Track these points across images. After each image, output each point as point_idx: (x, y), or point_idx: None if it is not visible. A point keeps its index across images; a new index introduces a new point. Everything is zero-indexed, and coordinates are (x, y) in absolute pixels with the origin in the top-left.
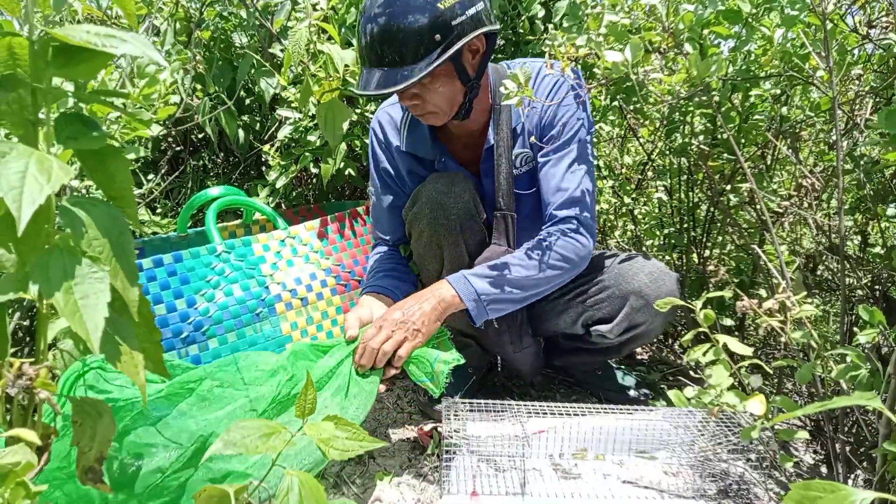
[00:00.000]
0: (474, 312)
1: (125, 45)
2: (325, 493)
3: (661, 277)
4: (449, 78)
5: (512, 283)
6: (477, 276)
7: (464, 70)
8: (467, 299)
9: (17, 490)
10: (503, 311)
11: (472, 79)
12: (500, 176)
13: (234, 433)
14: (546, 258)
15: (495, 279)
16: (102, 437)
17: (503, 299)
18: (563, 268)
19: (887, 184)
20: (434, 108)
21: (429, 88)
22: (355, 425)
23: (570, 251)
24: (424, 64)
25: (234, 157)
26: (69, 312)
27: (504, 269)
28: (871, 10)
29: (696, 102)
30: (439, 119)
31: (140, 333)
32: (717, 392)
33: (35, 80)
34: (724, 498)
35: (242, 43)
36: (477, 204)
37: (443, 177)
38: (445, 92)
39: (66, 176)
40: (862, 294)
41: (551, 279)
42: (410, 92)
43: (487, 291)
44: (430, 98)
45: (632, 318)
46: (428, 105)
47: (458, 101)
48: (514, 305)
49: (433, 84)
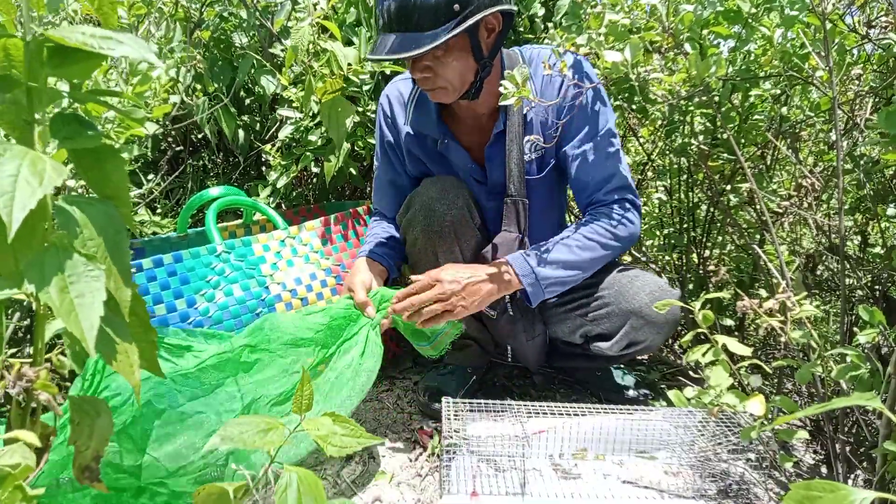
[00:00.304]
0: (531, 292)
1: (122, 46)
2: (323, 489)
3: (663, 297)
4: (463, 52)
5: (570, 264)
6: (538, 258)
7: (478, 46)
8: (526, 282)
9: (13, 494)
10: (559, 291)
11: (486, 57)
12: (510, 162)
13: (232, 428)
14: (603, 238)
15: (555, 261)
16: (100, 437)
17: (562, 280)
18: (616, 247)
19: (887, 184)
20: (444, 84)
21: (442, 62)
22: (353, 423)
23: (624, 231)
24: (441, 32)
25: (234, 158)
26: (64, 311)
27: (564, 250)
28: (870, 11)
29: (696, 102)
30: (448, 96)
31: (135, 333)
32: (716, 392)
33: (30, 81)
34: (725, 498)
35: (242, 43)
36: (471, 209)
37: (436, 182)
38: (458, 67)
39: (60, 177)
40: (862, 294)
41: (606, 258)
42: (423, 64)
43: (547, 275)
44: (442, 72)
45: (632, 337)
46: (439, 79)
47: (468, 79)
48: (571, 285)
49: (447, 57)
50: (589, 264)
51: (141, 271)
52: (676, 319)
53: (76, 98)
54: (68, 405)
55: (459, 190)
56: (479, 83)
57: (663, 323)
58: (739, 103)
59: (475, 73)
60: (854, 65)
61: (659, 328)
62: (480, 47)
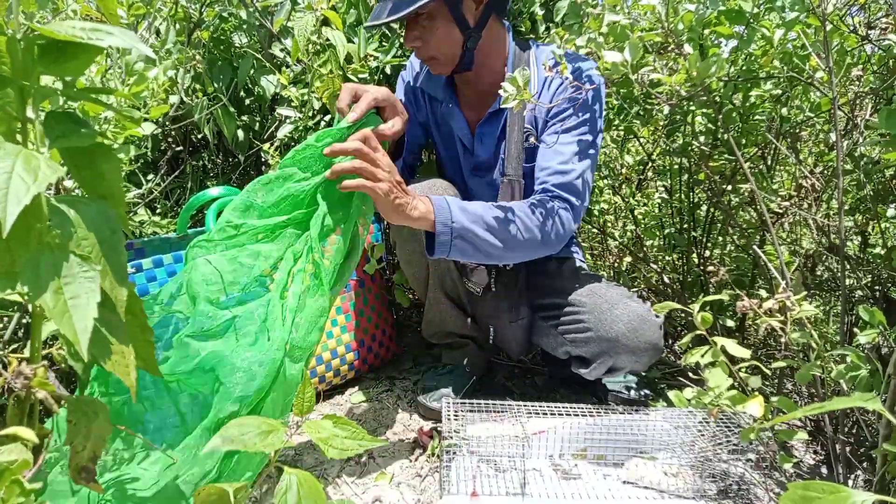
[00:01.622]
0: (438, 240)
1: (111, 37)
2: (323, 492)
3: (640, 327)
4: (446, 22)
5: (490, 227)
6: (461, 207)
7: (462, 17)
8: (440, 222)
9: (12, 488)
10: (467, 252)
11: (472, 28)
12: (511, 143)
13: (232, 430)
14: (530, 223)
15: (475, 215)
16: (97, 437)
17: (474, 236)
18: (536, 239)
19: (887, 184)
20: (435, 53)
21: (428, 30)
22: (355, 424)
23: (551, 227)
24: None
25: (234, 158)
26: (58, 313)
27: (489, 210)
28: (870, 12)
29: (697, 103)
30: (441, 66)
31: (132, 332)
32: (716, 393)
33: (22, 78)
34: (725, 498)
35: (242, 43)
36: None
37: (423, 181)
38: (443, 37)
39: (55, 174)
40: (862, 294)
41: (526, 246)
42: (413, 33)
43: (462, 224)
44: (430, 40)
45: (610, 364)
46: (430, 48)
47: (457, 50)
48: (481, 253)
49: (432, 26)
50: (505, 237)
51: (141, 271)
52: (657, 347)
53: (69, 95)
54: (67, 404)
55: (446, 190)
56: (469, 55)
57: (642, 352)
58: (740, 103)
59: (462, 44)
60: (854, 66)
61: (638, 357)
62: (464, 18)
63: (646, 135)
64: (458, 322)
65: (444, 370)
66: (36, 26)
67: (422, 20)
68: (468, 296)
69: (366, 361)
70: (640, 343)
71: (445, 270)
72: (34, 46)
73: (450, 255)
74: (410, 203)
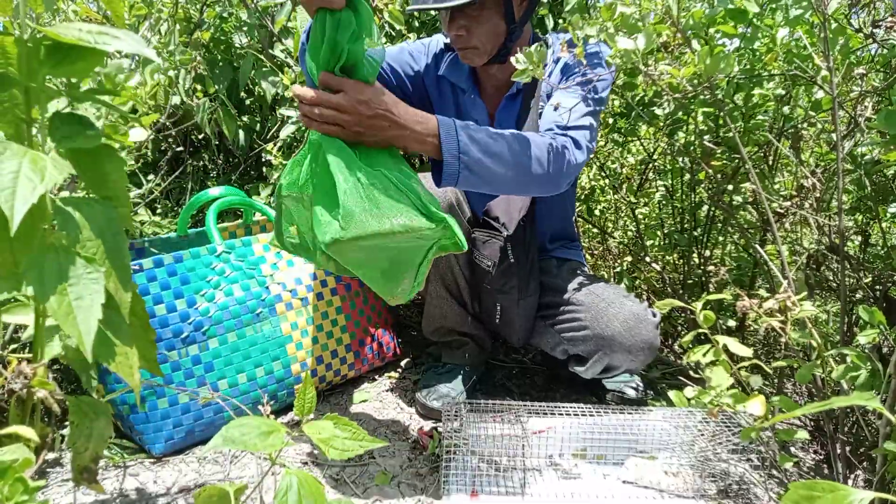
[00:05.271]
0: (445, 171)
1: (117, 41)
2: (324, 492)
3: (637, 326)
4: (496, 15)
5: (496, 151)
6: (475, 141)
7: (511, 11)
8: (448, 154)
9: (15, 486)
10: (473, 181)
11: (516, 23)
12: (524, 124)
13: (234, 430)
14: (538, 146)
15: (492, 152)
16: (99, 438)
17: (484, 152)
18: (544, 165)
19: (888, 184)
20: (477, 43)
21: (477, 21)
22: (355, 425)
23: (571, 163)
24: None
25: (235, 158)
26: (62, 314)
27: (509, 143)
28: (875, 11)
29: (699, 101)
30: (478, 57)
31: (135, 333)
32: (717, 393)
33: (28, 80)
34: (725, 498)
35: (243, 43)
36: (460, 203)
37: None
38: (490, 28)
39: (61, 175)
40: (862, 294)
41: (530, 171)
42: (459, 22)
43: (470, 150)
44: (477, 31)
45: (606, 363)
46: (473, 38)
47: (499, 43)
48: (489, 179)
49: (481, 17)
50: (511, 158)
51: (141, 271)
52: (653, 346)
53: (74, 97)
54: (69, 405)
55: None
56: (508, 49)
57: (638, 350)
58: (743, 103)
59: (505, 37)
60: (857, 65)
61: (633, 356)
62: (513, 12)
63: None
64: (459, 318)
65: (444, 370)
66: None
67: (471, 10)
68: (471, 286)
69: (366, 361)
70: (636, 342)
71: (446, 266)
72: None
73: (457, 185)
74: (399, 134)
